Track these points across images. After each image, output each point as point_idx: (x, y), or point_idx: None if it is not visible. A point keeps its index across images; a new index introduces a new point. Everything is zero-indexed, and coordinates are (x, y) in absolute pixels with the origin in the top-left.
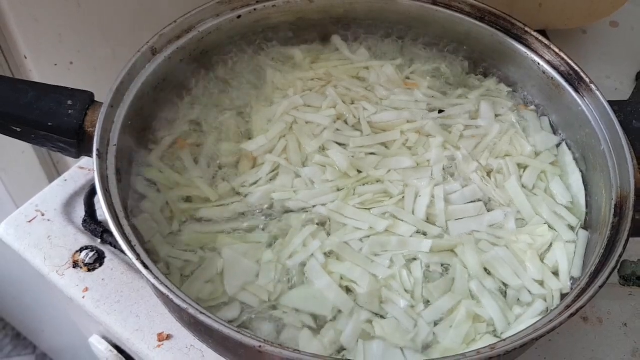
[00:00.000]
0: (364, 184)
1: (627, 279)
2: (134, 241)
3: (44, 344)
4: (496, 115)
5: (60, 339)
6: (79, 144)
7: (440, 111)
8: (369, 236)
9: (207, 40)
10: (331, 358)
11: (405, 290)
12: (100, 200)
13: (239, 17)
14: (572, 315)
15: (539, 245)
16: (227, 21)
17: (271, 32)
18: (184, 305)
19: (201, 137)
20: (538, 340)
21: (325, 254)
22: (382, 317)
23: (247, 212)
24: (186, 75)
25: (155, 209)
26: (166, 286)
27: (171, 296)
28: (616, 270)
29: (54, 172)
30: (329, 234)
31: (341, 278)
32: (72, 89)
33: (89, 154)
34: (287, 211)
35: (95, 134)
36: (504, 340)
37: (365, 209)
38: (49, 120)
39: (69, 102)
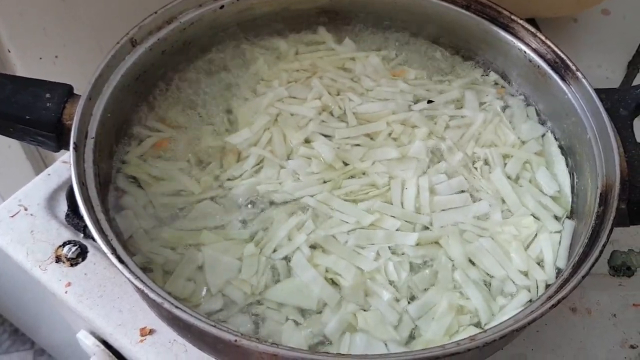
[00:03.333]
0: (350, 177)
1: (617, 270)
2: (111, 235)
3: (42, 340)
4: (480, 104)
5: (56, 335)
6: (58, 137)
7: (430, 101)
8: (354, 229)
9: (189, 31)
10: (308, 352)
11: (390, 283)
12: (75, 193)
13: (221, 7)
14: (553, 306)
15: (524, 237)
16: (209, 11)
17: (255, 23)
18: (159, 300)
19: (184, 130)
20: (522, 332)
21: (310, 246)
22: (365, 310)
23: (231, 205)
24: (168, 68)
25: (137, 204)
26: (141, 280)
27: (146, 291)
28: (606, 261)
29: (41, 166)
30: (315, 225)
31: (326, 271)
32: (51, 81)
33: (68, 147)
34: (272, 204)
35: (73, 126)
36: (485, 331)
37: (352, 201)
38: (27, 113)
39: (47, 95)
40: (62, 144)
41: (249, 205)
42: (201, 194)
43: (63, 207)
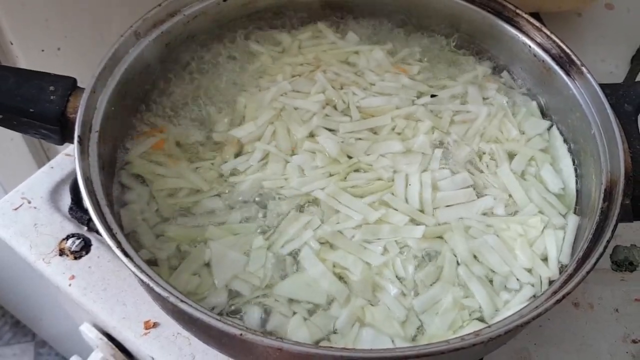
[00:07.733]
0: (355, 170)
1: (620, 264)
2: (115, 229)
3: (43, 332)
4: (484, 99)
5: (58, 327)
6: (62, 131)
7: (433, 95)
8: (361, 225)
9: (192, 25)
10: (312, 345)
11: (397, 278)
12: (80, 187)
13: (225, 0)
14: (558, 301)
15: (531, 236)
16: (213, 4)
17: (259, 16)
18: (164, 294)
19: (187, 126)
20: (526, 326)
21: (318, 241)
22: (372, 305)
23: (237, 201)
24: (172, 61)
25: (141, 200)
26: (147, 274)
27: (151, 284)
28: (608, 256)
29: (44, 159)
30: (322, 221)
31: (334, 266)
32: (55, 74)
33: (72, 140)
34: (279, 199)
35: (77, 119)
36: (489, 326)
37: (359, 196)
38: (31, 106)
39: (51, 88)
40: (66, 137)
41: (255, 201)
42: (207, 190)
43: (66, 200)
